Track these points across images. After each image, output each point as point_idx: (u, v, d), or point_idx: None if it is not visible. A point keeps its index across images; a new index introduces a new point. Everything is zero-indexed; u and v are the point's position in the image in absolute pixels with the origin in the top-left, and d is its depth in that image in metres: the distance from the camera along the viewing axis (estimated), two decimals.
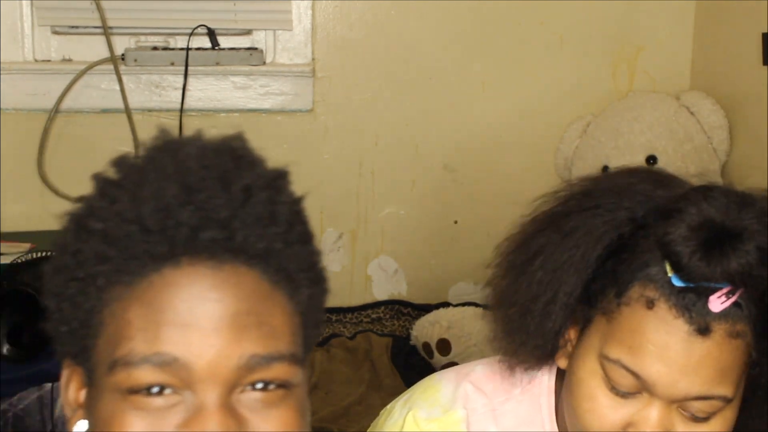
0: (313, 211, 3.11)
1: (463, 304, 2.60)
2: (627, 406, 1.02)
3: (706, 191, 1.01)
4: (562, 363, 1.12)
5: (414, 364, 2.50)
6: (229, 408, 0.75)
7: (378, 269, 2.87)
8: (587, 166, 2.59)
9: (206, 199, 0.75)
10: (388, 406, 1.26)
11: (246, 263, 0.77)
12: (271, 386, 0.76)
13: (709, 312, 0.98)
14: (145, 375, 0.74)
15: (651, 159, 2.52)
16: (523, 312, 1.10)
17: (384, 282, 2.87)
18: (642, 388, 1.01)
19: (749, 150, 2.46)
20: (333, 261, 2.85)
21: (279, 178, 0.82)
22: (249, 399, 0.76)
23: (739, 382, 1.02)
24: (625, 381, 1.01)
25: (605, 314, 1.04)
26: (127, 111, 2.64)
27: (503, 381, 1.18)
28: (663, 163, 2.51)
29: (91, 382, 0.79)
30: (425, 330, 2.52)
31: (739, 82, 2.55)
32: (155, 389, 0.74)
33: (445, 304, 2.66)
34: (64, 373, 0.84)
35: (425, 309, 2.71)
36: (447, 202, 2.83)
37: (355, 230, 2.84)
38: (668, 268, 1.00)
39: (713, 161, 2.54)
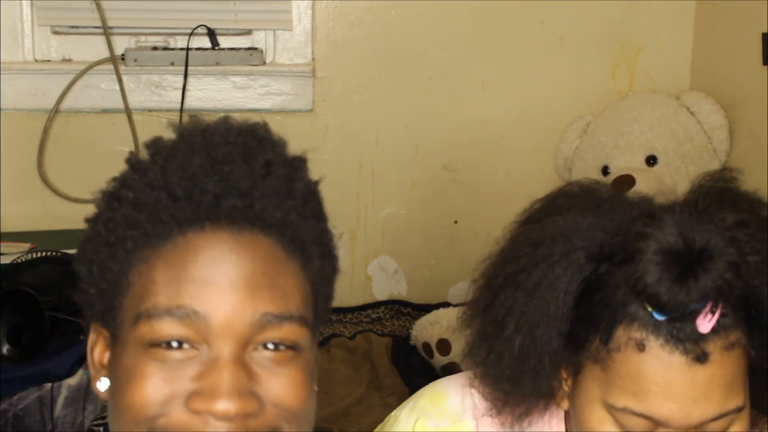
0: None
1: (463, 304, 2.60)
2: None
3: (658, 221, 0.98)
4: (564, 405, 1.11)
5: (414, 364, 2.50)
6: (241, 362, 0.80)
7: (378, 269, 2.87)
8: (587, 166, 2.59)
9: (230, 170, 0.82)
10: (394, 413, 1.25)
11: (263, 231, 0.83)
12: (282, 347, 0.82)
13: (700, 335, 0.96)
14: (166, 327, 0.80)
15: (651, 159, 2.52)
16: (515, 382, 1.08)
17: (384, 282, 2.87)
18: (657, 425, 1.00)
19: (749, 150, 2.46)
20: None
21: (298, 160, 0.90)
22: (260, 357, 0.81)
23: (745, 385, 1.02)
24: (638, 424, 1.00)
25: (597, 362, 1.03)
26: (127, 111, 2.64)
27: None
28: (663, 163, 2.51)
29: (115, 341, 0.85)
30: (425, 330, 2.51)
31: (739, 82, 2.54)
32: (174, 344, 0.80)
33: (445, 304, 2.66)
34: (91, 336, 0.90)
35: (425, 309, 2.71)
36: (447, 202, 2.83)
37: (355, 230, 2.84)
38: (647, 305, 0.98)
39: (713, 161, 2.54)
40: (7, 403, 1.00)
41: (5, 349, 1.90)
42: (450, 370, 2.32)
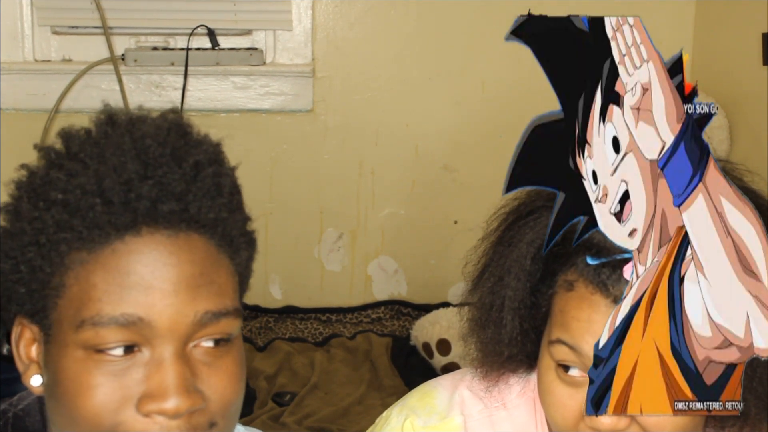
0: (313, 211, 3.14)
1: (462, 305, 2.60)
2: (581, 392, 1.03)
3: None
4: None
5: (414, 364, 2.50)
6: (184, 359, 0.83)
7: (378, 269, 2.87)
8: None
9: (163, 174, 0.84)
10: (384, 414, 1.26)
11: (198, 231, 0.86)
12: (220, 342, 0.86)
13: (625, 281, 0.98)
14: (111, 334, 0.81)
15: None
16: (482, 325, 1.14)
17: (384, 282, 2.87)
18: (585, 367, 1.02)
19: (749, 150, 2.46)
20: (333, 261, 2.85)
21: (219, 152, 0.90)
22: (200, 352, 0.85)
23: None
24: (569, 357, 1.03)
25: (546, 310, 1.08)
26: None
27: (498, 387, 1.18)
28: None
29: (48, 339, 0.86)
30: (425, 330, 2.52)
31: (739, 82, 2.55)
32: (120, 350, 0.82)
33: (445, 304, 2.66)
34: (15, 330, 0.91)
35: (425, 309, 2.71)
36: (447, 202, 2.83)
37: (355, 230, 2.84)
38: (586, 252, 1.02)
39: None
40: (7, 403, 1.00)
41: (5, 349, 1.89)
42: (450, 370, 2.32)
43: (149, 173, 0.83)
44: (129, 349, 0.82)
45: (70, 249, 0.83)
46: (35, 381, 0.90)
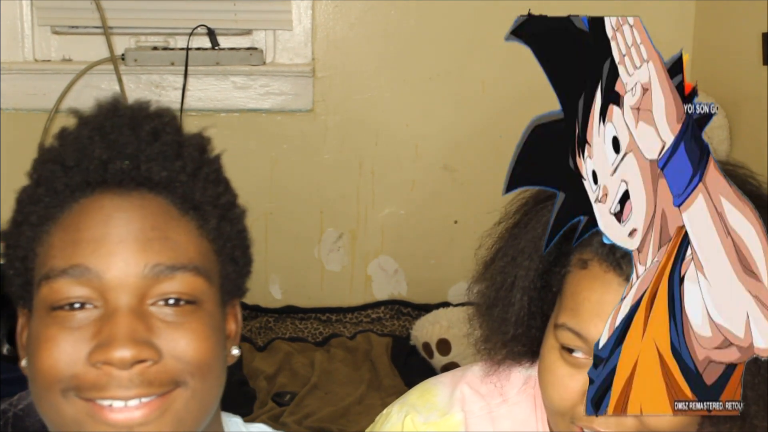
0: (313, 211, 3.13)
1: (463, 304, 2.60)
2: (583, 373, 1.03)
3: None
4: None
5: (414, 364, 2.50)
6: (138, 314, 0.83)
7: (378, 269, 2.87)
8: None
9: (116, 138, 0.87)
10: (385, 411, 1.26)
11: (152, 191, 0.87)
12: (182, 302, 0.85)
13: None
14: (63, 286, 0.83)
15: None
16: (490, 304, 1.14)
17: (384, 282, 2.87)
18: (589, 351, 1.02)
19: (749, 150, 2.46)
20: (333, 261, 2.85)
21: (177, 123, 0.92)
22: (161, 312, 0.84)
23: None
24: (574, 342, 1.03)
25: (557, 290, 1.08)
26: None
27: (499, 382, 1.18)
28: None
29: (30, 317, 0.88)
30: (425, 330, 2.52)
31: (739, 82, 2.55)
32: (77, 305, 0.83)
33: (445, 304, 2.66)
34: (19, 322, 0.93)
35: (425, 309, 2.71)
36: (447, 202, 2.83)
37: (355, 230, 2.84)
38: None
39: None
40: (7, 403, 1.00)
41: (5, 349, 1.89)
42: (450, 369, 2.32)
43: (103, 138, 0.87)
44: (84, 305, 0.83)
45: (40, 220, 0.87)
46: (24, 362, 0.91)
